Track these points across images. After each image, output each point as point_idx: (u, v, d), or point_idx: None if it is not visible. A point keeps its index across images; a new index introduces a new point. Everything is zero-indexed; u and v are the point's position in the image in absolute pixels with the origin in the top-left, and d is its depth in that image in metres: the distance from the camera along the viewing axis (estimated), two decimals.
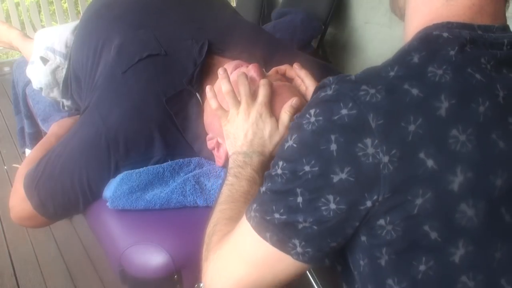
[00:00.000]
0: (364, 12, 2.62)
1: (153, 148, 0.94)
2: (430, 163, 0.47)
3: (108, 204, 0.90)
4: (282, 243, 0.55)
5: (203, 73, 1.00)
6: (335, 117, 0.50)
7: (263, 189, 0.58)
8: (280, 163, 0.55)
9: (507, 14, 0.61)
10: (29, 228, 1.79)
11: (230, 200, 0.73)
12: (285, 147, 0.55)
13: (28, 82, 1.51)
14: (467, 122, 0.48)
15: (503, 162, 0.49)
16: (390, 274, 0.52)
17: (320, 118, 0.51)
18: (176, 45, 1.04)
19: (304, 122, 0.53)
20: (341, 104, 0.50)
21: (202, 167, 0.96)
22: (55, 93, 1.37)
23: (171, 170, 0.93)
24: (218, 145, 0.92)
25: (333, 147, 0.50)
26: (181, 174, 0.93)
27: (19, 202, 0.97)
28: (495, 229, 0.49)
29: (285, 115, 0.82)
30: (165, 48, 1.02)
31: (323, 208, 0.51)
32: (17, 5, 4.11)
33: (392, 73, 0.51)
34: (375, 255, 0.52)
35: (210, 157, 0.97)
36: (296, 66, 0.92)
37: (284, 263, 0.56)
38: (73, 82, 1.25)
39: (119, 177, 0.91)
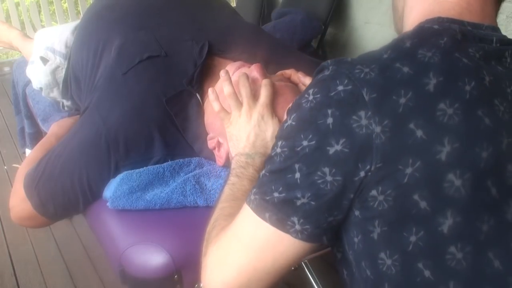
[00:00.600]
0: (364, 12, 2.62)
1: (153, 148, 0.94)
2: (419, 133, 0.50)
3: (108, 204, 0.90)
4: (281, 222, 0.56)
5: (203, 74, 1.00)
6: (332, 93, 0.53)
7: (262, 172, 0.60)
8: (279, 143, 0.57)
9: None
10: (29, 228, 1.79)
11: (230, 199, 0.74)
12: (284, 126, 0.57)
13: (28, 82, 1.51)
14: (454, 97, 0.51)
15: (489, 137, 0.51)
16: (382, 247, 0.53)
17: (318, 95, 0.54)
18: (176, 46, 1.04)
19: (303, 101, 0.56)
20: (337, 82, 0.53)
21: (202, 167, 0.96)
22: (55, 93, 1.37)
23: (171, 170, 0.93)
24: (219, 144, 0.92)
25: (329, 120, 0.52)
26: (181, 174, 0.93)
27: (19, 202, 0.97)
28: (482, 201, 0.51)
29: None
30: (166, 49, 1.02)
31: (319, 181, 0.53)
32: (17, 5, 4.11)
33: (385, 56, 0.54)
34: (368, 229, 0.54)
35: (211, 157, 0.97)
36: (300, 74, 0.93)
37: (284, 243, 0.57)
38: (72, 83, 1.25)
39: (119, 177, 0.91)
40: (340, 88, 0.53)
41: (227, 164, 0.92)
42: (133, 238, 0.86)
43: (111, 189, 0.90)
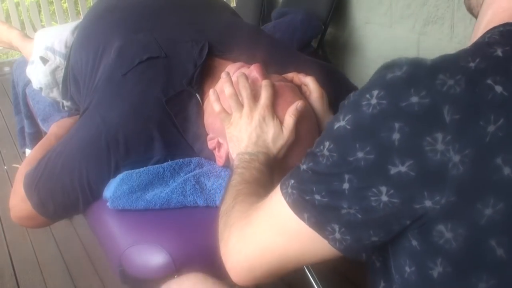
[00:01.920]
0: (364, 12, 2.62)
1: (153, 148, 0.94)
2: (507, 170, 0.43)
3: (108, 204, 0.90)
4: (320, 226, 0.51)
5: (203, 75, 1.00)
6: (403, 104, 0.45)
7: (303, 166, 0.54)
8: (327, 143, 0.50)
9: None
10: (29, 228, 1.79)
11: (244, 182, 0.72)
12: (335, 126, 0.50)
13: (28, 82, 1.51)
14: None
15: None
16: None
17: (384, 101, 0.46)
18: (176, 48, 1.04)
19: (364, 102, 0.47)
20: (412, 90, 0.45)
21: (202, 167, 0.96)
22: (55, 93, 1.37)
23: (171, 170, 0.93)
24: (219, 145, 0.92)
25: (396, 136, 0.45)
26: (181, 174, 0.93)
27: (19, 202, 0.98)
28: None
29: (290, 118, 0.82)
30: (165, 50, 1.02)
31: (372, 198, 0.47)
32: (17, 5, 4.11)
33: (472, 64, 0.46)
34: (427, 265, 0.47)
35: (211, 157, 0.97)
36: (300, 75, 0.93)
37: (315, 244, 0.53)
38: (71, 84, 1.25)
39: (119, 177, 0.91)
40: (415, 99, 0.45)
41: (227, 164, 0.92)
42: (133, 238, 0.86)
43: (111, 189, 0.90)
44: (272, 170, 0.80)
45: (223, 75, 0.88)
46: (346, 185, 0.48)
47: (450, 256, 0.46)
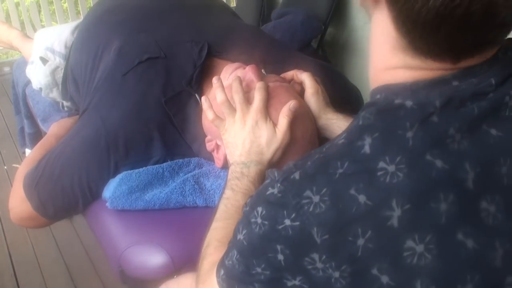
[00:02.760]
0: (364, 12, 2.62)
1: (153, 148, 0.94)
2: (385, 279, 0.43)
3: (107, 204, 0.90)
4: None
5: (202, 75, 1.00)
6: (280, 227, 0.48)
7: (227, 261, 0.57)
8: (235, 251, 0.54)
9: None
10: (29, 228, 1.79)
11: (224, 217, 0.74)
12: (237, 237, 0.54)
13: (28, 82, 1.51)
14: (425, 228, 0.42)
15: (473, 264, 0.42)
16: None
17: (266, 222, 0.50)
18: (176, 48, 1.04)
19: (252, 220, 0.51)
20: (285, 212, 0.48)
21: (202, 167, 0.96)
22: (55, 94, 1.37)
23: (170, 170, 0.93)
24: (217, 147, 0.92)
25: (280, 257, 0.48)
26: (181, 174, 0.93)
27: (19, 203, 0.97)
28: None
29: (283, 120, 0.80)
30: (165, 51, 1.02)
31: None
32: (17, 5, 4.11)
33: (340, 171, 0.45)
34: None
35: (209, 158, 0.97)
36: (298, 73, 0.93)
37: None
38: (71, 85, 1.25)
39: (118, 177, 0.91)
40: (287, 222, 0.47)
41: (225, 166, 0.92)
42: (132, 238, 0.86)
43: (110, 189, 0.90)
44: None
45: (214, 80, 0.86)
46: None
47: None
